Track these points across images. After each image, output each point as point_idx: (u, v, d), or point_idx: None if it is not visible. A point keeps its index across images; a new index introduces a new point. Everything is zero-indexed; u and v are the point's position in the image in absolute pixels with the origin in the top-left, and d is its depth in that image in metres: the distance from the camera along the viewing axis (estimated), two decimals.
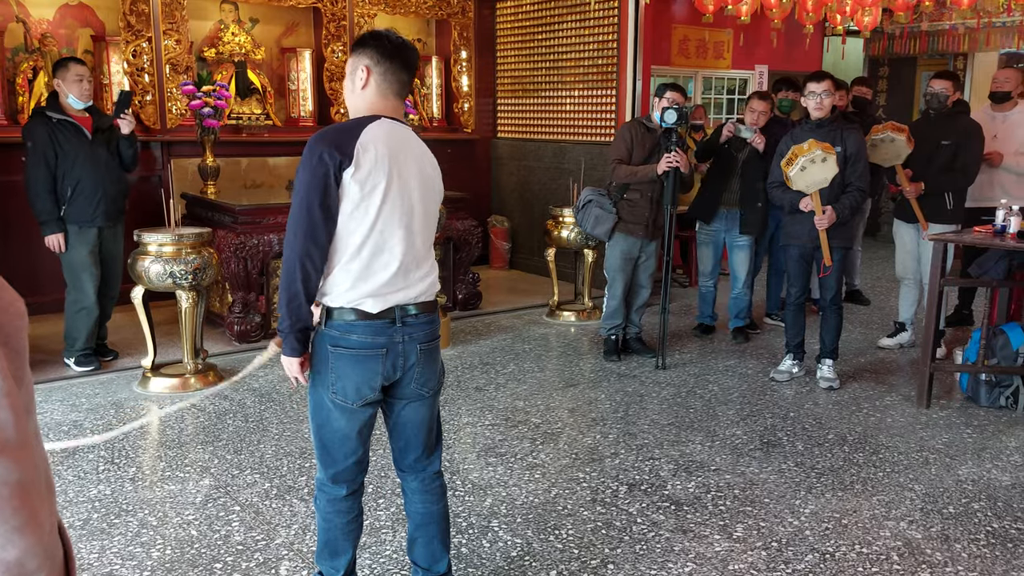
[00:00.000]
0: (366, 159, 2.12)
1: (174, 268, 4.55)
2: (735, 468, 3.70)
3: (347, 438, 2.31)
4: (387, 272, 2.20)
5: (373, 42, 2.24)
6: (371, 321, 2.20)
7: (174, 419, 4.25)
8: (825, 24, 8.23)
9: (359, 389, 2.25)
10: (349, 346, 2.21)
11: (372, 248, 2.17)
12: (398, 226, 2.19)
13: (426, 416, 2.39)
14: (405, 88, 2.28)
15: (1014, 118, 5.52)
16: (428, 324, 2.30)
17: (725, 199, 5.52)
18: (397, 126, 2.24)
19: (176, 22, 6.35)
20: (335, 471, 2.36)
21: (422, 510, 2.46)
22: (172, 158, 6.42)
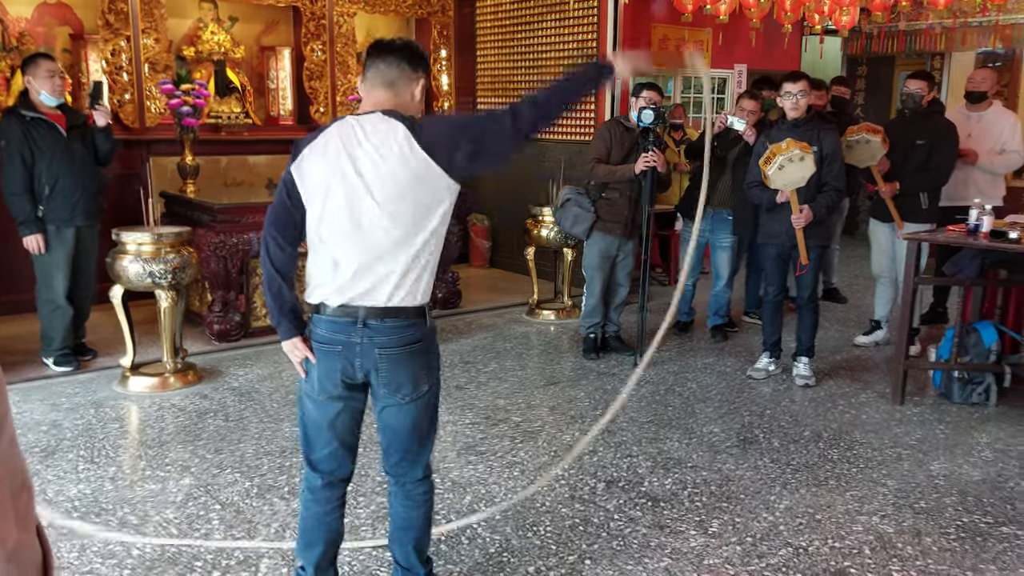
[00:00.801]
0: (310, 157, 2.22)
1: (153, 268, 4.54)
2: (712, 465, 3.75)
3: (320, 428, 2.37)
4: (345, 270, 2.20)
5: (368, 48, 2.38)
6: (333, 317, 2.25)
7: (154, 418, 4.25)
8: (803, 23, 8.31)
9: (321, 382, 2.31)
10: (315, 339, 2.30)
11: (325, 244, 2.23)
12: (348, 224, 2.18)
13: (404, 424, 2.36)
14: (384, 74, 2.27)
15: (989, 118, 5.60)
16: (396, 330, 2.23)
17: (714, 199, 5.57)
18: (366, 120, 2.20)
19: (155, 20, 6.32)
20: (312, 457, 2.42)
21: (402, 513, 2.48)
22: (151, 157, 6.39)
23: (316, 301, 2.27)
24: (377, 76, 2.29)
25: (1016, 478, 3.65)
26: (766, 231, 4.90)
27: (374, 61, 2.30)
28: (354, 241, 2.19)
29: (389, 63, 2.29)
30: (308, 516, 2.45)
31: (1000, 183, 5.73)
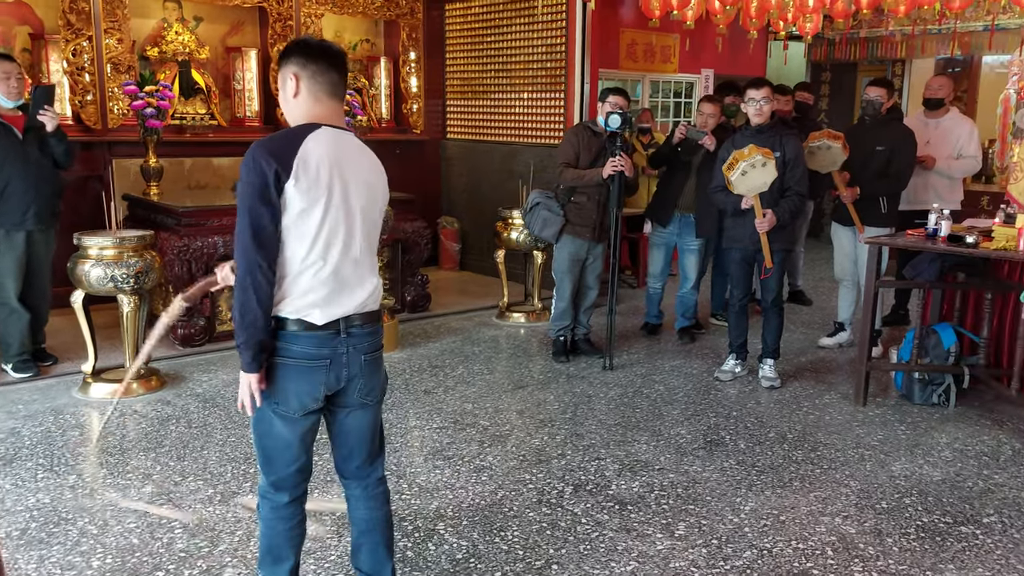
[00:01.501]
0: (307, 170, 2.11)
1: (115, 272, 4.47)
2: (679, 467, 3.78)
3: (289, 446, 2.31)
4: (332, 283, 2.19)
5: (296, 48, 2.24)
6: (316, 332, 2.19)
7: (116, 425, 4.18)
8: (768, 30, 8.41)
9: (301, 400, 2.24)
10: (292, 356, 2.20)
11: (316, 259, 2.16)
12: (341, 237, 2.19)
13: (369, 424, 2.39)
14: (338, 88, 2.25)
15: (946, 124, 5.72)
16: (372, 334, 2.30)
17: (680, 203, 5.61)
18: (339, 134, 2.22)
19: (117, 20, 6.23)
20: (277, 478, 2.35)
21: (366, 516, 2.46)
22: (114, 158, 6.29)
23: (295, 317, 2.18)
24: (328, 87, 2.22)
25: (974, 478, 3.72)
26: (731, 235, 4.95)
27: (322, 71, 2.20)
28: (347, 255, 2.21)
29: (340, 75, 2.25)
30: (274, 535, 2.41)
31: (958, 187, 5.85)
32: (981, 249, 4.18)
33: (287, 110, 2.27)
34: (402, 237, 6.16)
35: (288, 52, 2.24)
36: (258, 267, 2.10)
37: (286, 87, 2.23)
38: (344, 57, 2.30)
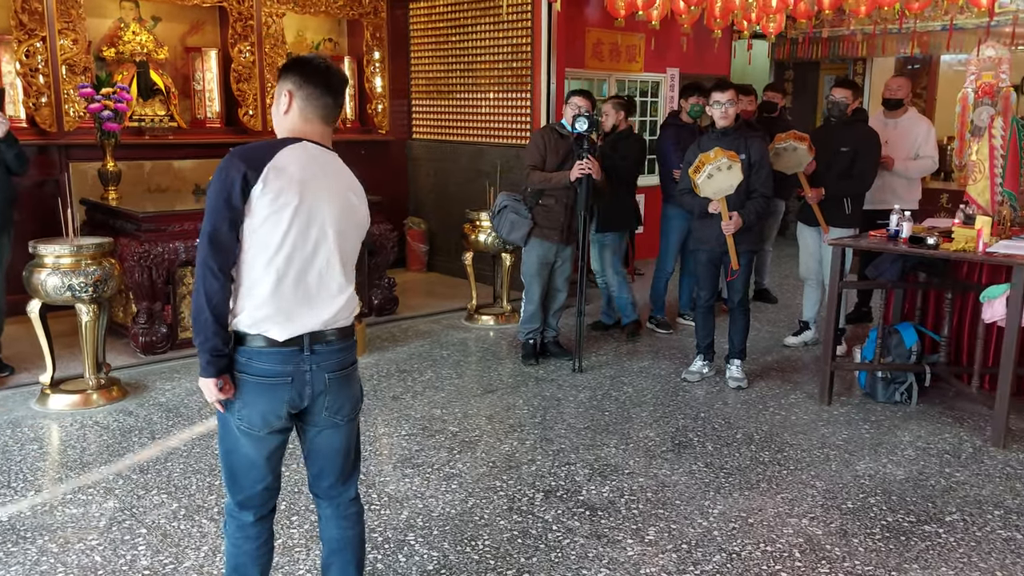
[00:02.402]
0: (276, 180, 2.08)
1: (73, 280, 4.37)
2: (648, 471, 3.79)
3: (255, 465, 2.27)
4: (292, 296, 2.14)
5: (296, 67, 2.23)
6: (277, 349, 2.16)
7: (76, 437, 4.09)
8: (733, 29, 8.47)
9: (265, 417, 2.20)
10: (254, 373, 2.16)
11: (276, 269, 2.12)
12: (307, 250, 2.15)
13: (341, 444, 2.34)
14: (331, 112, 2.24)
15: (904, 124, 5.80)
16: (339, 352, 2.24)
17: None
18: (320, 151, 2.21)
19: (72, 20, 6.08)
20: (243, 497, 2.30)
21: (337, 535, 2.43)
22: (70, 162, 6.15)
23: (256, 332, 2.14)
24: (321, 111, 2.22)
25: (936, 476, 3.78)
26: (697, 237, 4.98)
27: (317, 94, 2.19)
28: (314, 272, 2.17)
29: (335, 99, 2.24)
30: (240, 554, 2.36)
31: (916, 187, 5.94)
32: (941, 250, 4.24)
33: (276, 123, 2.27)
34: (368, 240, 6.08)
35: (288, 68, 2.24)
36: (209, 269, 2.08)
37: (279, 102, 2.22)
38: (343, 84, 2.27)
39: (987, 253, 4.11)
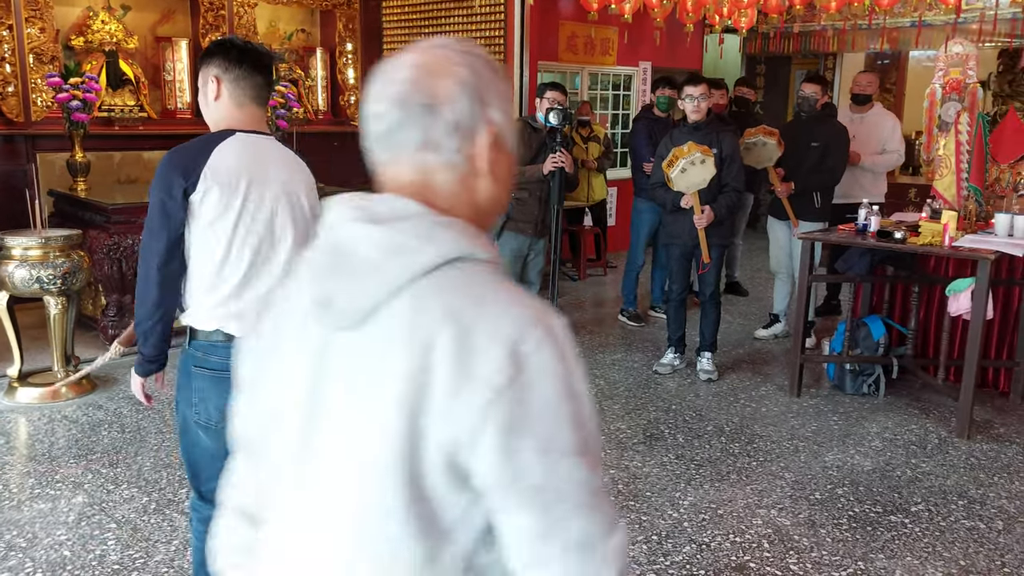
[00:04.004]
0: (215, 181, 2.06)
1: (41, 273, 4.31)
2: (620, 463, 3.82)
3: (215, 458, 2.23)
4: (250, 293, 2.13)
5: (218, 50, 2.16)
6: (235, 343, 2.14)
7: (44, 431, 4.04)
8: (705, 23, 8.52)
9: (222, 410, 2.16)
10: (210, 367, 2.16)
11: (232, 269, 2.11)
12: (257, 246, 2.12)
13: None
14: (263, 92, 2.19)
15: (871, 119, 5.88)
16: None
17: None
18: (256, 140, 2.16)
19: (40, 8, 5.98)
20: (205, 489, 2.28)
21: None
22: (38, 153, 6.05)
23: (212, 328, 2.14)
24: (251, 91, 2.16)
25: (902, 467, 3.85)
26: (669, 231, 5.02)
27: (245, 75, 2.13)
28: (268, 265, 2.14)
29: (266, 78, 2.19)
30: (204, 548, 2.34)
31: (882, 181, 6.03)
32: (909, 245, 4.31)
33: (207, 113, 2.20)
34: None
35: (210, 53, 2.16)
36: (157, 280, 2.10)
37: (207, 89, 2.16)
38: (268, 59, 2.21)
39: (953, 247, 4.18)
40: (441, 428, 0.87)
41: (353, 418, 0.92)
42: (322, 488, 0.95)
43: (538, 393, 0.88)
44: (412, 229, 0.94)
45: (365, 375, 0.92)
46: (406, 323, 0.90)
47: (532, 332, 0.90)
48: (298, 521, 0.99)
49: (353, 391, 0.93)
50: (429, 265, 0.92)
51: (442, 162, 0.99)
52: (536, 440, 0.88)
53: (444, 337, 0.88)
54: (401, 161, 1.00)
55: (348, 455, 0.92)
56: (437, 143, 0.99)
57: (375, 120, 1.01)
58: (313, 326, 0.97)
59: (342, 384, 0.94)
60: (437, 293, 0.91)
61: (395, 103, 0.99)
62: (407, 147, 0.99)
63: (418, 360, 0.88)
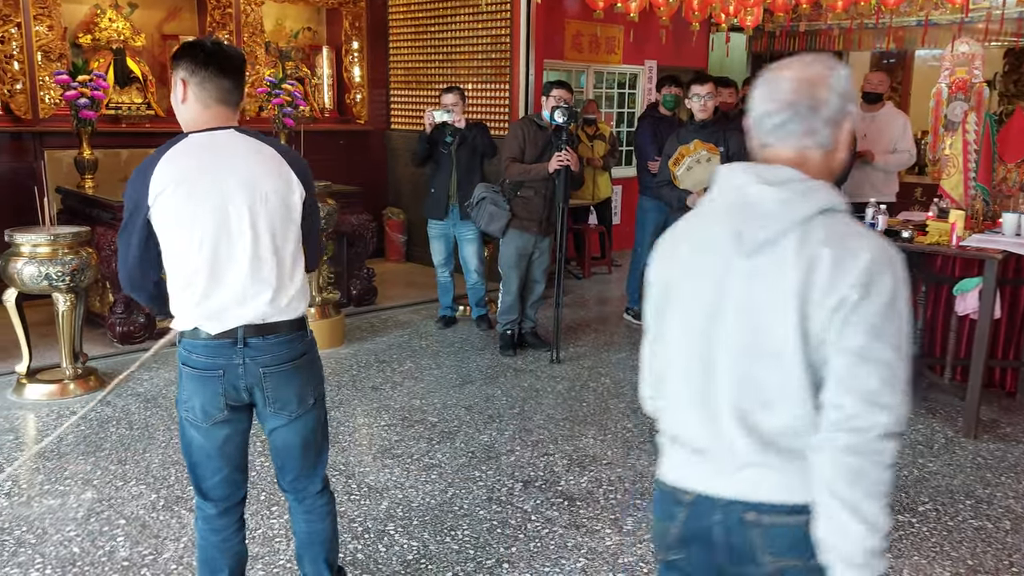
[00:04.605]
0: (162, 191, 2.08)
1: (50, 270, 4.33)
2: (626, 461, 3.83)
3: (209, 456, 2.27)
4: (219, 293, 2.14)
5: (186, 52, 2.16)
6: (210, 341, 2.17)
7: (53, 428, 4.06)
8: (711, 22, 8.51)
9: (205, 408, 2.21)
10: (193, 365, 2.20)
11: (200, 273, 2.13)
12: (220, 246, 2.12)
13: (295, 439, 2.31)
14: (231, 94, 2.17)
15: (882, 118, 5.87)
16: (277, 346, 2.20)
17: (452, 193, 5.68)
18: (213, 138, 2.14)
19: (48, 6, 6.00)
20: (204, 487, 2.31)
21: (305, 529, 2.43)
22: (46, 150, 6.07)
23: (192, 327, 2.17)
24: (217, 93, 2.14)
25: (909, 466, 3.85)
26: None
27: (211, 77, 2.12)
28: (235, 265, 2.14)
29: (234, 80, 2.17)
30: (208, 546, 2.36)
31: (893, 180, 6.02)
32: (916, 244, 4.31)
33: (177, 114, 2.21)
34: (347, 230, 6.09)
35: (177, 56, 2.17)
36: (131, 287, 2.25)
37: (176, 91, 2.17)
38: (238, 60, 2.20)
39: (960, 247, 4.18)
40: (818, 310, 1.37)
41: (759, 307, 1.43)
42: (733, 350, 1.46)
43: (878, 298, 1.35)
44: (796, 189, 1.42)
45: (764, 282, 1.42)
46: (794, 250, 1.38)
47: (881, 257, 1.37)
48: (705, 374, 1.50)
49: (753, 294, 1.43)
50: (809, 214, 1.40)
51: (816, 144, 1.46)
52: (870, 327, 1.35)
53: (823, 257, 1.36)
54: (786, 145, 1.47)
55: (757, 331, 1.43)
56: (815, 131, 1.45)
57: (767, 117, 1.47)
58: (721, 253, 1.47)
59: (743, 290, 1.44)
60: (816, 231, 1.39)
61: (786, 105, 1.45)
62: (794, 136, 1.46)
63: (804, 272, 1.37)
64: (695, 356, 1.51)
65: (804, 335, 1.38)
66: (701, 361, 1.50)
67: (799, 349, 1.39)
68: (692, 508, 1.54)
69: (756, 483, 1.46)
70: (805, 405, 1.41)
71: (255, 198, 2.14)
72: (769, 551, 1.47)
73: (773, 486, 1.46)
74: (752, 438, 1.45)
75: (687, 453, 1.55)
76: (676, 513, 1.57)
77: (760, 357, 1.43)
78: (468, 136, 5.57)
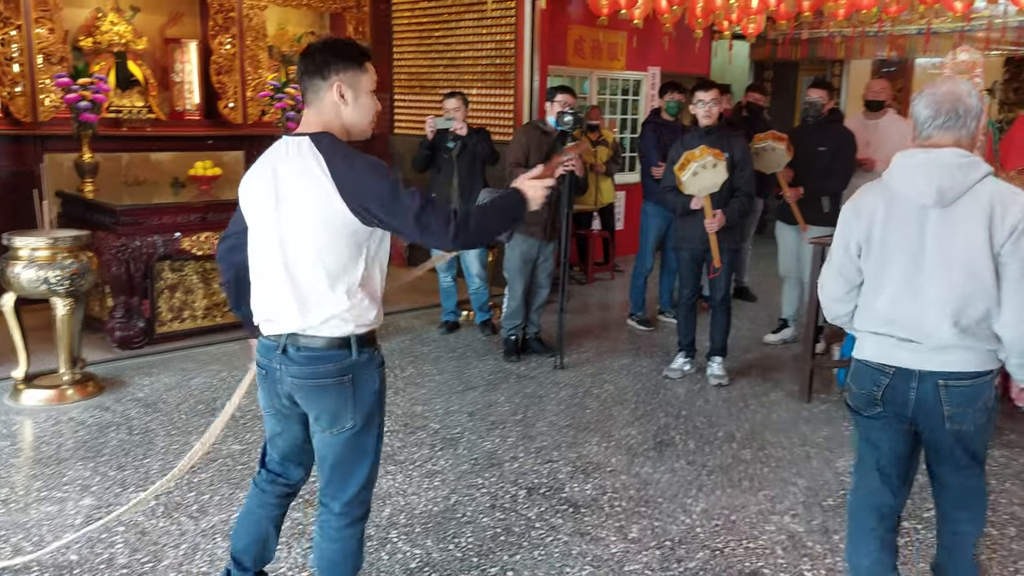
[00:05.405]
0: (242, 193, 2.25)
1: (48, 274, 4.30)
2: (630, 469, 3.79)
3: (270, 436, 2.44)
4: (263, 299, 2.22)
5: (343, 53, 2.22)
6: (264, 341, 2.26)
7: (51, 433, 4.02)
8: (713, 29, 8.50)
9: (263, 400, 2.36)
10: (258, 359, 2.33)
11: (253, 274, 2.25)
12: (264, 255, 2.18)
13: (325, 453, 2.28)
14: (306, 95, 2.18)
15: (884, 125, 5.85)
16: (307, 363, 2.15)
17: (452, 199, 5.66)
18: (284, 145, 2.14)
19: (49, 9, 5.98)
20: (265, 451, 2.48)
21: (318, 541, 2.37)
22: (46, 153, 6.02)
23: (256, 323, 2.29)
24: (304, 95, 2.19)
25: None
26: (680, 235, 4.99)
27: (301, 75, 2.17)
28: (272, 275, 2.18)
29: (307, 79, 2.15)
30: (245, 502, 2.51)
31: None
32: None
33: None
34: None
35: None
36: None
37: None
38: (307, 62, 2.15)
39: None
40: (997, 237, 2.17)
41: (955, 239, 2.20)
42: (941, 269, 2.23)
43: None
44: (970, 160, 2.23)
45: (960, 220, 2.20)
46: (977, 201, 2.19)
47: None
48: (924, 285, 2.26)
49: (953, 229, 2.21)
50: (980, 177, 2.21)
51: (966, 134, 2.29)
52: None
53: (996, 206, 2.18)
54: (947, 136, 2.28)
55: (954, 258, 2.20)
56: (967, 126, 2.28)
57: (933, 119, 2.29)
58: (921, 206, 2.24)
59: (939, 233, 2.22)
60: (988, 189, 2.21)
61: (945, 112, 2.27)
62: (954, 131, 2.28)
63: (987, 216, 2.17)
64: (906, 275, 2.26)
65: (991, 253, 2.17)
66: (911, 278, 2.26)
67: (989, 261, 2.17)
68: (894, 378, 2.32)
69: (951, 360, 2.26)
70: (991, 300, 2.20)
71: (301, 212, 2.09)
72: (948, 404, 2.28)
73: (962, 361, 2.25)
74: (955, 328, 2.22)
75: (894, 341, 2.30)
76: (880, 382, 2.34)
77: (963, 270, 2.19)
78: (470, 142, 5.55)
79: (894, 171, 2.29)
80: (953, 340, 2.22)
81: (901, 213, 2.26)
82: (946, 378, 2.25)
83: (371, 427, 2.25)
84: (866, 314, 2.36)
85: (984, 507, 2.50)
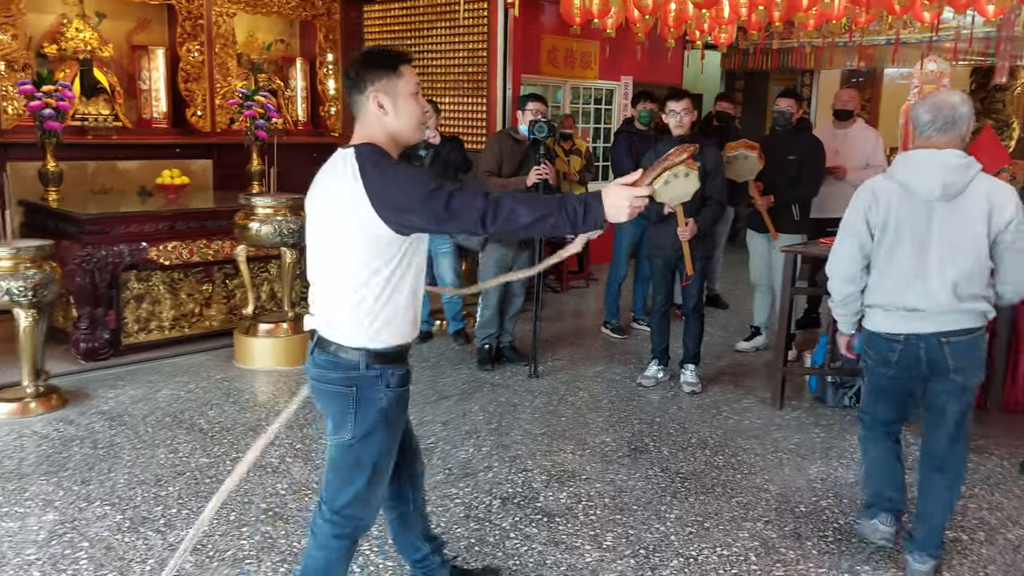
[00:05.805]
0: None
1: (11, 284, 4.20)
2: (604, 476, 3.78)
3: None
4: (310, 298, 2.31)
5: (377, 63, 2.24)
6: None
7: (13, 448, 3.92)
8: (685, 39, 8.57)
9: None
10: None
11: None
12: (309, 258, 2.28)
13: (328, 455, 2.30)
14: (354, 109, 2.23)
15: (853, 134, 5.92)
16: (320, 366, 2.24)
17: None
18: (335, 156, 2.22)
19: (12, 15, 5.89)
20: None
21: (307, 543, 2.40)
22: (8, 162, 5.92)
23: None
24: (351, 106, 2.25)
25: None
26: (654, 243, 5.00)
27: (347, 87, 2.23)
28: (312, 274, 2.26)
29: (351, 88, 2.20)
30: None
31: None
32: None
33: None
34: None
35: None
36: None
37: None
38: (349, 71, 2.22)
39: None
40: (995, 225, 2.71)
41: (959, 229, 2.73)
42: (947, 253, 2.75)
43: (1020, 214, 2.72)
44: (967, 160, 2.72)
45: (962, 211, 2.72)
46: (976, 198, 2.71)
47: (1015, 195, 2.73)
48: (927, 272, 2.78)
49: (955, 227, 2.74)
50: (975, 174, 2.72)
51: (957, 135, 2.77)
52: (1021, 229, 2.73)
53: (992, 199, 2.72)
54: (944, 137, 2.76)
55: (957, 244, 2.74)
56: (959, 128, 2.76)
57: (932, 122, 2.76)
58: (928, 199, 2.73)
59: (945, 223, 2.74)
60: (983, 184, 2.73)
61: (943, 117, 2.75)
62: (949, 133, 2.76)
63: (986, 212, 2.71)
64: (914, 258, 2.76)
65: (988, 241, 2.70)
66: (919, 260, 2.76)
67: (986, 246, 2.71)
68: (905, 343, 2.83)
69: (950, 322, 2.78)
70: (985, 274, 2.76)
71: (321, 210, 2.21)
72: (952, 357, 2.80)
73: (960, 321, 2.78)
74: (954, 297, 2.74)
75: (902, 313, 2.81)
76: (895, 347, 2.85)
77: (964, 253, 2.72)
78: (442, 151, 5.53)
79: (901, 168, 2.78)
80: (952, 307, 2.74)
81: (910, 205, 2.75)
82: (947, 336, 2.77)
83: (370, 443, 2.22)
84: (876, 292, 2.86)
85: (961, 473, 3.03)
